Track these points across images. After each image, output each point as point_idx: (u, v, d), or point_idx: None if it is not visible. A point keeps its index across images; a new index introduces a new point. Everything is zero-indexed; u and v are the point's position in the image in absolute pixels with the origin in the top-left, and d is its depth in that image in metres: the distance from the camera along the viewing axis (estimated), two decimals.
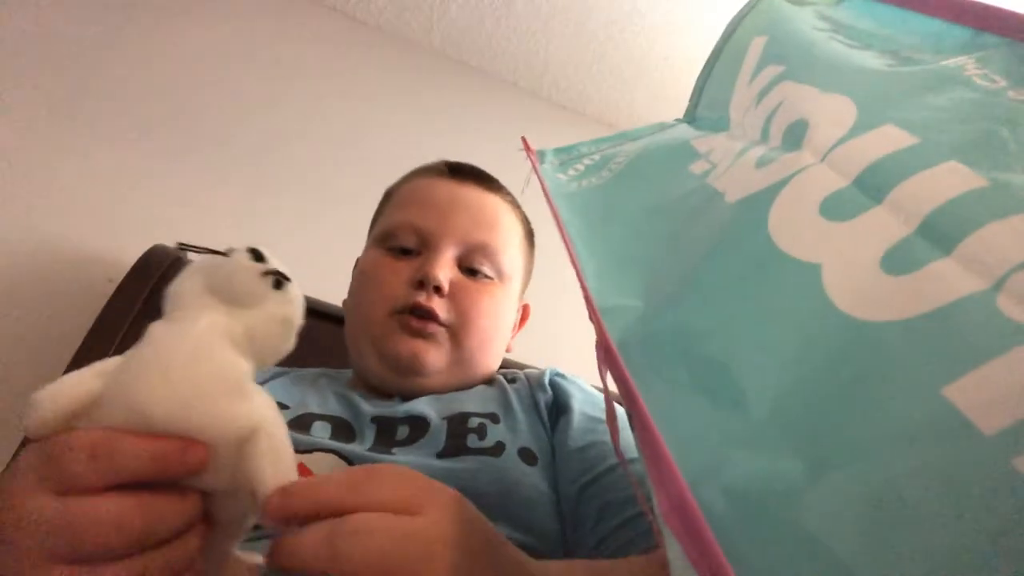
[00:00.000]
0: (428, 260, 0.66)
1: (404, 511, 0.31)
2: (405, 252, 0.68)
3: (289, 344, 0.35)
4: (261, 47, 1.38)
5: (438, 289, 0.64)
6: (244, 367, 0.32)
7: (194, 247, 0.33)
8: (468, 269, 0.69)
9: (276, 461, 0.31)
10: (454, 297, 0.66)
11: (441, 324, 0.65)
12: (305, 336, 0.98)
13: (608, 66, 1.51)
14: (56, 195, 1.08)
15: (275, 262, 0.34)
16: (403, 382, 0.65)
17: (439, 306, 0.64)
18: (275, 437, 0.31)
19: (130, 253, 0.97)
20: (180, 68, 1.28)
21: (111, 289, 0.98)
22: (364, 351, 0.67)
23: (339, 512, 0.30)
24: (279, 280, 0.33)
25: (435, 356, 0.64)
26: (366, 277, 0.69)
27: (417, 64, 1.52)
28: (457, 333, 0.66)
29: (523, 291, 0.79)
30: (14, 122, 1.10)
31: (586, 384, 0.71)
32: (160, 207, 1.13)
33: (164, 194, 1.15)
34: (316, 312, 1.01)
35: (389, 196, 0.78)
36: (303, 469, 0.35)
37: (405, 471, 0.34)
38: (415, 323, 0.64)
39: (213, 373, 0.30)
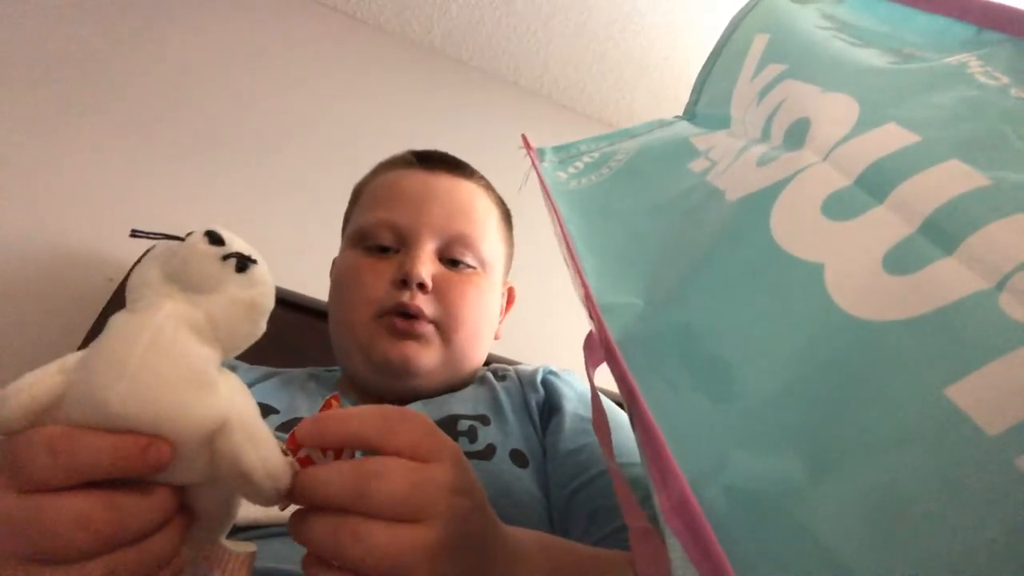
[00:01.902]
0: (408, 257, 0.64)
1: (420, 458, 0.32)
2: (383, 250, 0.66)
3: (259, 329, 0.33)
4: (262, 47, 1.38)
5: (422, 286, 0.63)
6: (208, 356, 0.31)
7: (149, 234, 0.31)
8: (449, 260, 0.67)
9: (257, 446, 0.30)
10: (438, 292, 0.64)
11: (428, 322, 0.63)
12: (309, 335, 0.97)
13: (608, 65, 1.51)
14: (56, 195, 1.08)
15: (237, 243, 0.32)
16: (394, 385, 0.64)
17: (424, 303, 0.63)
18: (248, 423, 0.30)
19: (130, 253, 0.97)
20: (180, 67, 1.28)
21: (111, 289, 0.98)
22: (351, 356, 0.65)
23: (367, 447, 0.32)
24: (242, 263, 0.31)
25: (426, 357, 0.63)
26: (345, 280, 0.67)
27: (417, 63, 1.52)
28: (445, 329, 0.64)
29: (506, 273, 0.77)
30: (14, 122, 1.10)
31: (580, 381, 0.69)
32: (160, 207, 1.13)
33: (164, 194, 1.15)
34: (318, 312, 1.01)
35: (359, 193, 0.76)
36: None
37: (424, 421, 0.34)
38: (402, 324, 0.62)
39: (172, 365, 0.29)
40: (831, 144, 0.29)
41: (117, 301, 0.92)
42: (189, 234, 0.32)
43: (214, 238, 0.31)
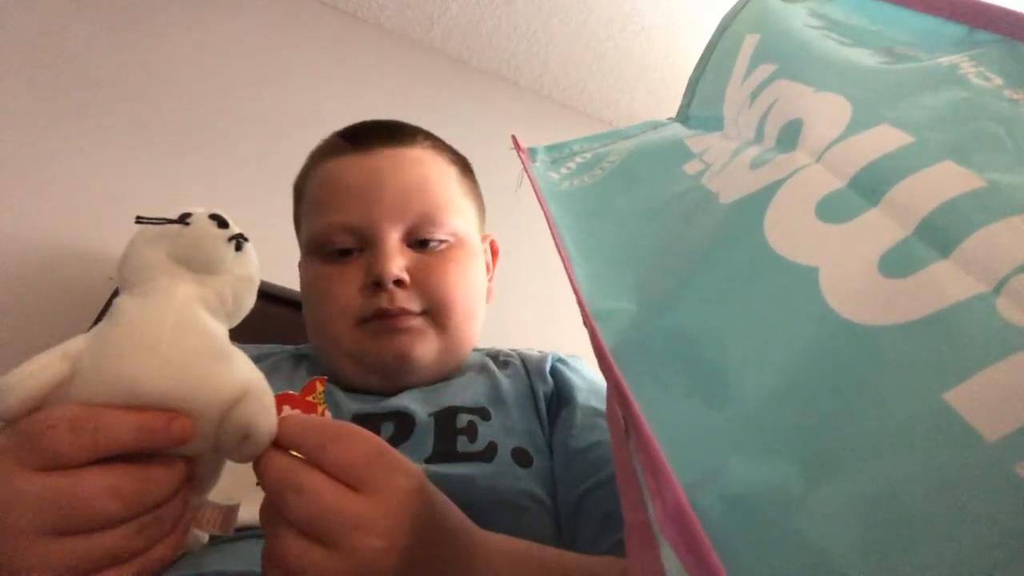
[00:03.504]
0: (375, 258, 0.59)
1: (353, 485, 0.33)
2: (345, 253, 0.61)
3: (254, 300, 0.36)
4: (262, 46, 1.37)
5: (399, 282, 0.59)
6: (223, 331, 0.33)
7: (153, 219, 0.34)
8: (418, 242, 0.62)
9: (269, 415, 0.33)
10: (418, 281, 0.60)
11: (417, 314, 0.60)
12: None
13: (608, 65, 1.51)
14: (56, 195, 1.07)
15: (234, 225, 0.35)
16: (390, 383, 0.60)
17: (406, 300, 0.59)
18: (263, 393, 0.33)
19: None
20: (180, 67, 1.27)
21: (111, 288, 0.98)
22: (340, 362, 0.61)
23: (304, 455, 0.33)
24: (239, 242, 0.34)
25: (422, 348, 0.60)
26: (315, 292, 0.63)
27: (417, 62, 1.52)
28: (437, 317, 0.61)
29: (482, 227, 0.72)
30: (14, 122, 1.10)
31: (590, 370, 0.66)
32: (161, 206, 1.12)
33: (165, 193, 1.14)
34: None
35: (299, 192, 0.70)
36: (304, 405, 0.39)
37: (375, 445, 0.35)
38: (390, 322, 0.58)
39: (199, 343, 0.31)
40: (824, 145, 0.29)
41: None
42: (184, 215, 0.34)
43: (220, 221, 0.34)
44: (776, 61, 0.38)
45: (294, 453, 0.34)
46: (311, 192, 0.67)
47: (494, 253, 0.76)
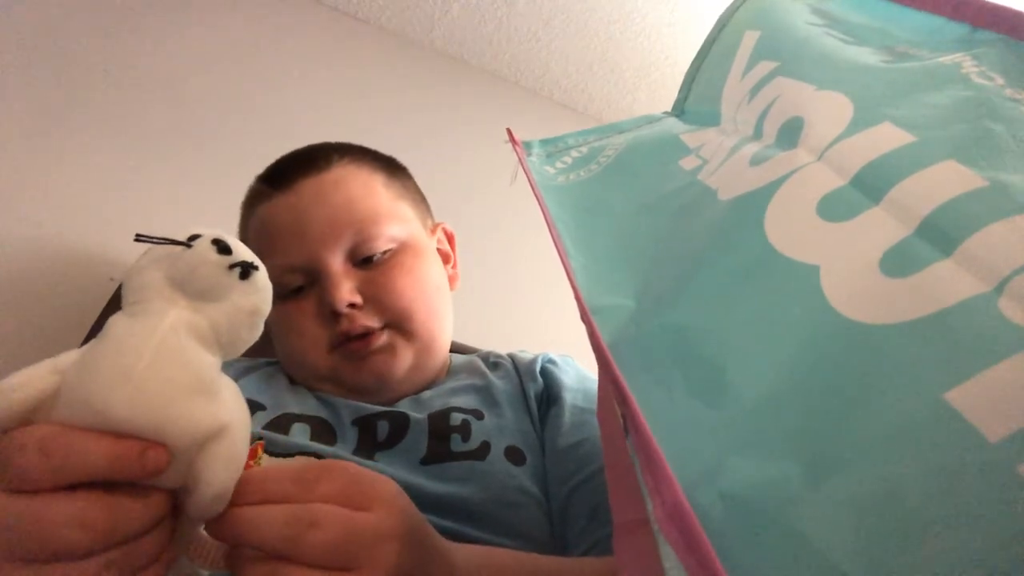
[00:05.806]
0: (324, 289, 0.60)
1: (354, 507, 0.33)
2: (299, 289, 0.62)
3: (256, 333, 0.34)
4: (262, 47, 1.37)
5: (353, 306, 0.59)
6: (211, 363, 0.31)
7: (153, 238, 0.31)
8: (363, 260, 0.63)
9: (228, 466, 0.31)
10: (370, 297, 0.61)
11: (381, 329, 0.61)
12: None
13: (609, 65, 1.51)
14: (56, 195, 1.07)
15: (241, 249, 0.33)
16: (376, 400, 0.61)
17: (366, 317, 0.60)
18: (235, 441, 0.31)
19: (130, 252, 0.97)
20: (180, 67, 1.27)
21: (112, 288, 0.98)
22: (321, 386, 0.62)
23: (294, 499, 0.32)
24: (245, 270, 0.32)
25: (397, 362, 0.61)
26: (282, 330, 0.63)
27: (418, 63, 1.51)
28: (401, 325, 0.61)
29: (427, 220, 0.73)
30: (13, 122, 1.09)
31: (580, 368, 0.68)
32: (162, 206, 1.12)
33: (166, 193, 1.14)
34: None
35: (245, 242, 0.71)
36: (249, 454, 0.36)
37: (351, 469, 0.35)
38: (358, 346, 0.59)
39: (179, 372, 0.29)
40: (825, 143, 0.28)
41: (118, 301, 0.91)
42: (192, 237, 0.31)
43: (222, 247, 0.31)
44: (776, 58, 0.38)
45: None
46: (252, 241, 0.67)
47: (450, 239, 0.76)
